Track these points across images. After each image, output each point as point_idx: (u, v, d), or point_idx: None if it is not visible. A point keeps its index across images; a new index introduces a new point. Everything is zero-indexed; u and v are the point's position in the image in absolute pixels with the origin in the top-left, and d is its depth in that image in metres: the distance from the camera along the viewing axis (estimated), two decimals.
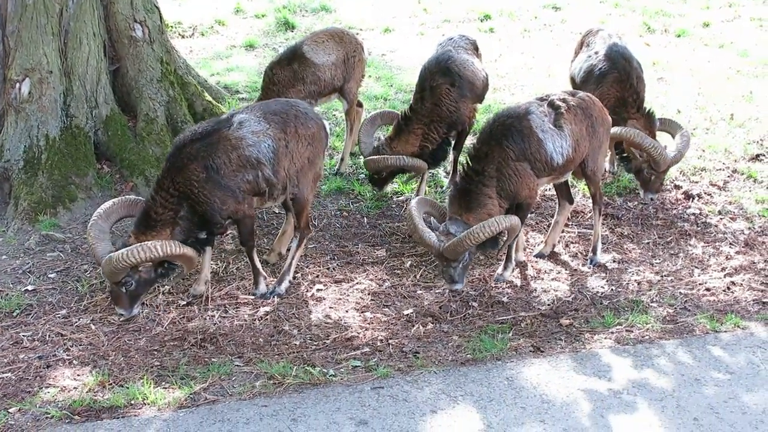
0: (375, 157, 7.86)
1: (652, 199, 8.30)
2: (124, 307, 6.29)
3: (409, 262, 7.32)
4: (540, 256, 7.50)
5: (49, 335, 6.24)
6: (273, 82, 8.25)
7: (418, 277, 7.12)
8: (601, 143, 7.18)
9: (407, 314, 6.56)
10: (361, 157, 8.31)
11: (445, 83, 7.92)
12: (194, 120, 8.88)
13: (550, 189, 8.46)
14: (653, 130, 8.21)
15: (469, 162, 6.67)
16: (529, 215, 8.02)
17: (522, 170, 6.60)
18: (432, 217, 6.73)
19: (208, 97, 9.30)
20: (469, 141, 8.43)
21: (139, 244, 6.05)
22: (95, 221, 6.26)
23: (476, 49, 8.59)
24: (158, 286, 6.78)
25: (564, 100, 6.90)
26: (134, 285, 6.22)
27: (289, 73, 8.22)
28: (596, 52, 8.53)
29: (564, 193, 7.50)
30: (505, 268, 7.11)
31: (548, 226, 7.90)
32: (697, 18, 14.33)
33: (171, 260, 6.28)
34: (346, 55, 8.57)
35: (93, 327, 6.35)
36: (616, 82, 8.24)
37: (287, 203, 6.84)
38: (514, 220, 6.44)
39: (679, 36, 13.43)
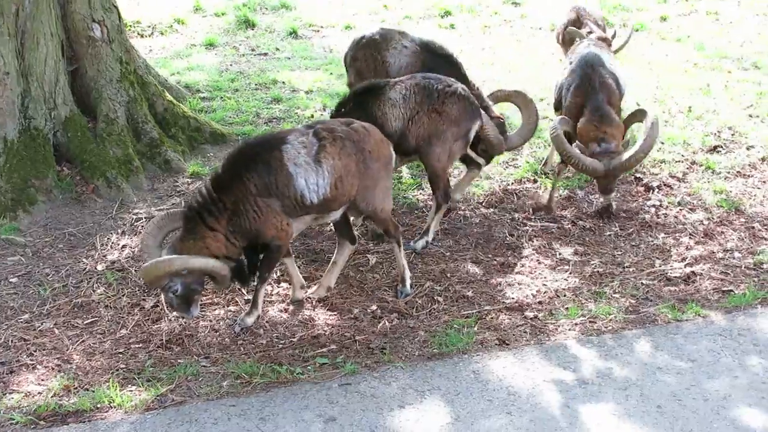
0: None
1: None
2: None
3: (374, 259, 7.32)
4: (317, 295, 6.73)
5: (11, 340, 6.15)
6: None
7: (382, 273, 7.14)
8: (376, 180, 6.41)
9: (373, 310, 6.58)
10: None
11: None
12: (155, 120, 8.81)
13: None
14: (580, 133, 7.93)
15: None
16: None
17: (265, 207, 5.99)
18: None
19: (169, 97, 9.23)
20: None
21: None
22: None
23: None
24: (123, 289, 6.75)
25: (331, 131, 6.21)
26: None
27: None
28: (570, 63, 8.28)
29: (343, 232, 6.76)
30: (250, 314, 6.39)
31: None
32: (655, 12, 14.54)
33: None
34: None
35: (56, 331, 6.28)
36: (578, 89, 7.97)
37: None
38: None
39: (637, 30, 13.59)
